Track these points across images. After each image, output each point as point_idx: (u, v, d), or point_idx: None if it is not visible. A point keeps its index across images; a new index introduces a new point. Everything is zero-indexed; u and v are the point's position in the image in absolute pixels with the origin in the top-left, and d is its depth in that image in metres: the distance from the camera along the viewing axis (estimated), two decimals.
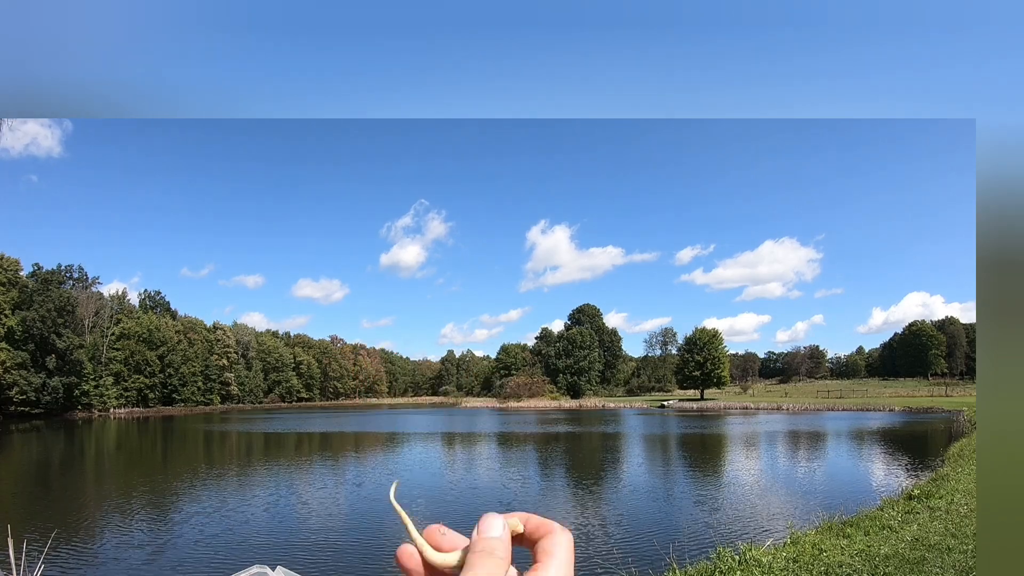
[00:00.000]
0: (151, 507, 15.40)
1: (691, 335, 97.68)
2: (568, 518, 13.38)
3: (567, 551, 0.49)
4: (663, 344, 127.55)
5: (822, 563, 6.93)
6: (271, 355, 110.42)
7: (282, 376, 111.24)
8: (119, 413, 73.96)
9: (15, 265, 72.03)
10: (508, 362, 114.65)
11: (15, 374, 65.99)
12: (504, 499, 15.60)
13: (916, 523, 8.93)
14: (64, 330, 69.62)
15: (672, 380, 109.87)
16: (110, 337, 78.64)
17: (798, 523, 10.17)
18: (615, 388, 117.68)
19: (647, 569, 8.18)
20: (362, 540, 11.65)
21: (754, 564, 6.99)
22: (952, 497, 10.78)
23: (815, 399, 79.39)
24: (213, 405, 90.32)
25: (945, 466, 16.63)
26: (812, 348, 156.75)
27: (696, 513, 13.85)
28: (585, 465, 23.83)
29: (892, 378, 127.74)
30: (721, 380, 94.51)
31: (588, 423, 48.41)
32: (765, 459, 24.97)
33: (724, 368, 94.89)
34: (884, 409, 61.35)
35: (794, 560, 7.14)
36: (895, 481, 17.20)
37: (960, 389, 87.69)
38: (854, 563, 6.86)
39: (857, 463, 23.91)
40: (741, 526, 12.25)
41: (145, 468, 25.26)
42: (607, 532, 11.99)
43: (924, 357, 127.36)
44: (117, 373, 77.81)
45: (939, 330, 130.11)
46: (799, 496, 16.01)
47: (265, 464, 24.90)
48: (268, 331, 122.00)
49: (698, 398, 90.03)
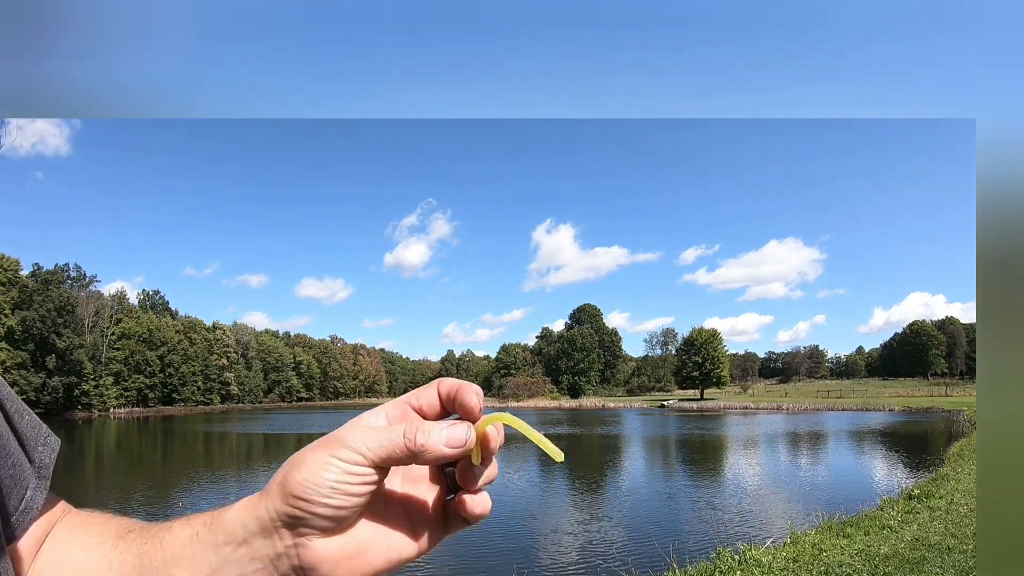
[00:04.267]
0: (151, 508, 15.41)
1: (689, 335, 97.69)
2: (568, 518, 13.39)
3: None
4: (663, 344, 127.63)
5: (822, 563, 6.93)
6: (271, 355, 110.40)
7: (282, 376, 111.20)
8: (119, 413, 73.94)
9: (15, 265, 72.01)
10: (508, 362, 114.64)
11: (15, 374, 65.99)
12: (504, 499, 15.60)
13: (916, 523, 8.94)
14: (64, 330, 69.62)
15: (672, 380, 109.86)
16: (110, 337, 78.62)
17: (798, 523, 10.17)
18: (615, 388, 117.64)
19: (647, 569, 8.18)
20: None
21: (754, 564, 7.00)
22: (952, 497, 10.78)
23: (815, 399, 79.37)
24: (213, 405, 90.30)
25: (945, 466, 16.63)
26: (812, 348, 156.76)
27: (696, 513, 13.86)
28: (585, 465, 23.83)
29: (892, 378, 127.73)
30: (721, 380, 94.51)
31: (588, 423, 48.42)
32: (765, 459, 24.98)
33: (724, 368, 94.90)
34: (884, 409, 61.34)
35: (794, 560, 7.14)
36: (895, 481, 17.20)
37: (960, 389, 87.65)
38: (854, 563, 6.86)
39: (857, 463, 23.92)
40: (741, 526, 12.25)
41: (145, 469, 25.27)
42: (607, 532, 12.00)
43: (924, 357, 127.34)
44: (117, 373, 77.79)
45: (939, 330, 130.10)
46: (799, 496, 16.01)
47: (264, 465, 24.91)
48: (267, 331, 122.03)
49: (698, 398, 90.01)
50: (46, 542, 0.57)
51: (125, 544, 0.54)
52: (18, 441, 0.57)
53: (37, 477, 0.58)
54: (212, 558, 0.49)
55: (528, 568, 8.89)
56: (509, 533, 11.86)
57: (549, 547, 10.92)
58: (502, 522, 12.77)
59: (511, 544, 10.97)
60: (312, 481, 0.46)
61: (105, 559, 0.54)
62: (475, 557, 10.04)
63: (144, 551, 0.52)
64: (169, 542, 0.51)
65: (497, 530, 11.94)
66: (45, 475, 0.59)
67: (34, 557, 0.56)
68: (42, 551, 0.57)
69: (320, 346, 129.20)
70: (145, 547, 0.52)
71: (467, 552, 10.23)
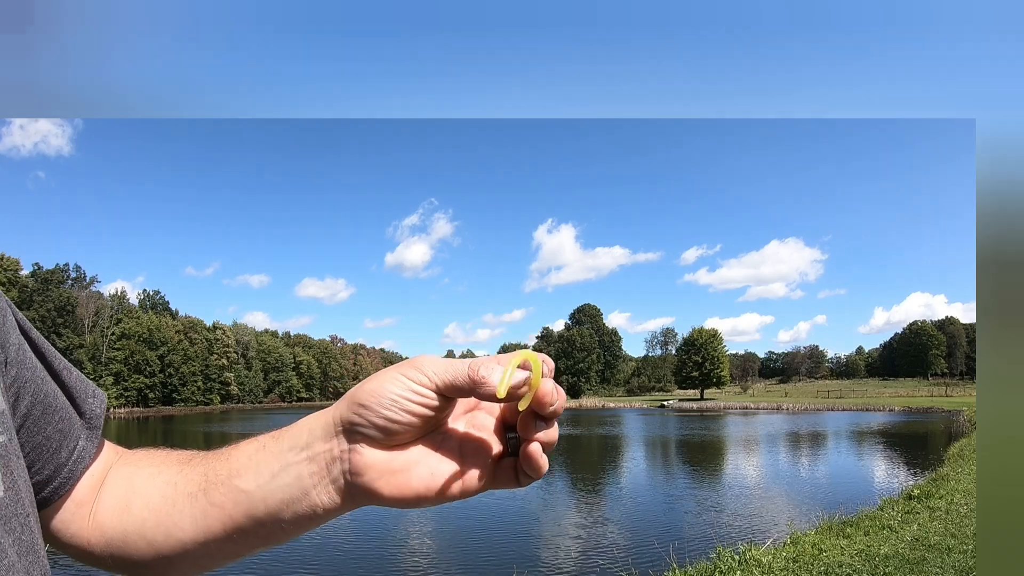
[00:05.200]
0: None
1: (689, 335, 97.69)
2: (568, 518, 13.39)
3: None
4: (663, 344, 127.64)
5: (822, 563, 6.93)
6: (271, 355, 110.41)
7: (282, 376, 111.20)
8: (119, 413, 73.95)
9: (15, 265, 72.04)
10: None
11: None
12: (504, 499, 15.60)
13: (916, 523, 8.94)
14: (64, 330, 69.66)
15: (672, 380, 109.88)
16: (110, 337, 78.64)
17: (798, 523, 10.17)
18: (615, 388, 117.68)
19: (647, 569, 8.18)
20: (363, 540, 11.65)
21: (754, 564, 7.00)
22: (952, 497, 10.79)
23: (815, 399, 79.38)
24: (213, 405, 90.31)
25: (945, 466, 16.63)
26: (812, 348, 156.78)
27: (696, 513, 13.86)
28: (585, 465, 23.84)
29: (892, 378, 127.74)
30: (721, 380, 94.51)
31: (588, 423, 48.43)
32: (765, 459, 24.98)
33: (724, 368, 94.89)
34: (884, 409, 61.33)
35: (794, 560, 7.14)
36: (895, 481, 17.20)
37: (960, 389, 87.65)
38: (854, 563, 6.86)
39: (857, 463, 23.92)
40: (741, 526, 12.25)
41: None
42: (607, 532, 12.00)
43: (924, 357, 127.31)
44: (117, 373, 77.80)
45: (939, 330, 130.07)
46: (799, 496, 16.01)
47: None
48: (267, 331, 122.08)
49: (698, 398, 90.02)
50: (105, 481, 0.61)
51: (191, 467, 0.58)
52: (68, 395, 0.61)
53: (88, 428, 0.62)
54: (275, 464, 0.53)
55: (528, 568, 8.89)
56: (509, 533, 11.86)
57: (549, 547, 10.92)
58: (502, 522, 12.77)
59: (511, 544, 10.97)
60: (377, 391, 0.50)
61: (171, 482, 0.57)
62: (475, 557, 10.04)
63: (210, 468, 0.56)
64: (235, 457, 0.55)
65: (497, 530, 11.94)
66: (96, 424, 0.63)
67: (94, 497, 0.60)
68: (103, 489, 0.60)
69: (320, 346, 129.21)
70: (211, 465, 0.56)
71: (467, 552, 10.24)
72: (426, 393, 0.50)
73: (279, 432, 0.55)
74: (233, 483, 0.54)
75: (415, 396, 0.50)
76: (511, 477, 0.53)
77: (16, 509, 0.47)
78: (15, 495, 0.47)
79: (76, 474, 0.59)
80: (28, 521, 0.48)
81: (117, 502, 0.59)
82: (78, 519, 0.59)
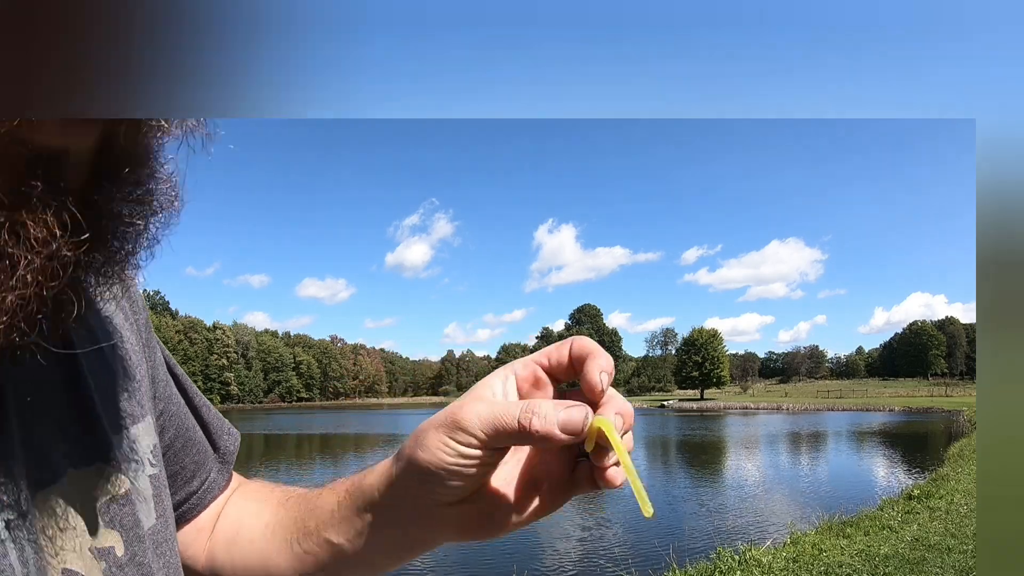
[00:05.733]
0: None
1: (689, 336, 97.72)
2: (569, 518, 13.39)
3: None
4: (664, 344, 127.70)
5: (822, 563, 6.94)
6: (271, 355, 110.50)
7: (282, 376, 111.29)
8: None
9: None
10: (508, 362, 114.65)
11: None
12: None
13: (916, 523, 8.94)
14: None
15: (672, 380, 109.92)
16: None
17: (798, 523, 10.17)
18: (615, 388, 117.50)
19: (647, 569, 8.18)
20: None
21: (754, 564, 7.00)
22: (952, 497, 10.79)
23: (815, 399, 79.43)
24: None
25: (945, 466, 16.64)
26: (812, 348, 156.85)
27: (696, 513, 13.87)
28: None
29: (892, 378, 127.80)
30: (721, 380, 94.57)
31: None
32: (765, 459, 24.99)
33: (724, 368, 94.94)
34: (884, 409, 61.37)
35: (794, 560, 7.15)
36: (895, 481, 17.20)
37: (960, 389, 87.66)
38: (854, 563, 6.87)
39: (857, 463, 23.93)
40: (741, 526, 12.26)
41: None
42: (607, 532, 12.01)
43: (924, 357, 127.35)
44: None
45: (939, 330, 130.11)
46: (799, 496, 16.02)
47: (264, 465, 24.92)
48: (267, 331, 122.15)
49: (698, 398, 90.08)
50: (223, 511, 0.68)
51: (285, 510, 0.62)
52: (205, 431, 0.68)
53: (220, 462, 0.69)
54: (357, 522, 0.55)
55: (528, 568, 8.89)
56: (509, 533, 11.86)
57: (549, 547, 10.93)
58: None
59: (511, 544, 10.98)
60: (433, 463, 0.47)
61: (268, 525, 0.62)
62: (475, 557, 10.05)
63: (299, 516, 0.60)
64: (320, 510, 0.58)
65: None
66: (228, 460, 0.71)
67: (214, 524, 0.66)
68: (220, 519, 0.67)
69: (320, 346, 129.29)
70: (300, 513, 0.60)
71: (467, 552, 10.24)
72: (479, 454, 0.47)
73: (353, 483, 0.56)
74: (323, 536, 0.57)
75: (470, 462, 0.47)
76: (590, 482, 0.52)
77: (165, 535, 0.50)
78: (164, 522, 0.50)
79: (204, 503, 0.66)
80: (173, 547, 0.51)
81: (227, 534, 0.65)
82: (197, 543, 0.65)
